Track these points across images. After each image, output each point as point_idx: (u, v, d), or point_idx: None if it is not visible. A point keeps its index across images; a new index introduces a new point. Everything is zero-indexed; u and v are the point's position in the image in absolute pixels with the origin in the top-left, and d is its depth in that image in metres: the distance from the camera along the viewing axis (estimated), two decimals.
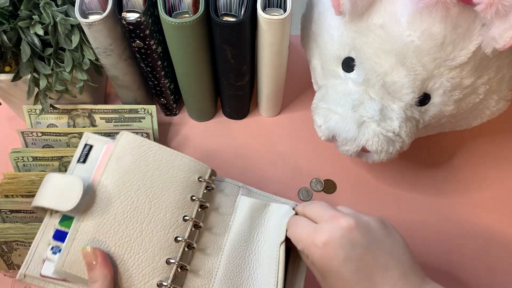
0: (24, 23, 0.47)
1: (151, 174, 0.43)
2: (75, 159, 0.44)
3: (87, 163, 0.44)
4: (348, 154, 0.47)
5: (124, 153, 0.42)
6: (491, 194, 0.58)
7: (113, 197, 0.41)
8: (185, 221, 0.42)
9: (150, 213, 0.42)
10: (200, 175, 0.45)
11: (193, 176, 0.44)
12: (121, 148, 0.43)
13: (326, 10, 0.47)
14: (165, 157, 0.44)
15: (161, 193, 0.42)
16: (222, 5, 0.47)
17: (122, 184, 0.42)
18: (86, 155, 0.44)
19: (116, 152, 0.42)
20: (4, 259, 0.50)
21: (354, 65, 0.46)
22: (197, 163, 0.45)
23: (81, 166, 0.44)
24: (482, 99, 0.46)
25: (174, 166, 0.44)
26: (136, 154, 0.43)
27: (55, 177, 0.42)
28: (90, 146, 0.45)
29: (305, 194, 0.58)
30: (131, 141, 0.43)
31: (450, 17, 0.39)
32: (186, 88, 0.57)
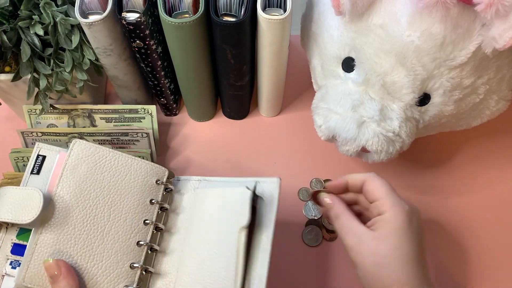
0: (24, 23, 0.47)
1: (108, 181, 0.43)
2: (28, 170, 0.44)
3: (41, 174, 0.44)
4: (348, 154, 0.47)
5: (79, 161, 0.42)
6: (491, 194, 0.58)
7: (71, 206, 0.41)
8: (146, 224, 0.43)
9: (110, 220, 0.42)
10: (157, 178, 0.45)
11: (151, 180, 0.45)
12: (75, 157, 0.43)
13: (326, 10, 0.47)
14: (121, 163, 0.44)
15: (119, 199, 0.43)
16: (222, 5, 0.47)
17: (79, 193, 0.42)
18: (40, 166, 0.44)
19: (70, 162, 0.42)
20: None
21: (354, 65, 0.46)
22: (153, 166, 0.45)
23: (35, 177, 0.44)
24: (482, 99, 0.46)
25: (131, 171, 0.44)
26: (91, 162, 0.43)
27: (12, 189, 0.41)
28: (43, 156, 0.44)
29: (305, 194, 0.58)
30: (85, 149, 0.43)
31: (450, 17, 0.39)
32: (186, 88, 0.57)
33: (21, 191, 0.40)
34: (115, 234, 0.42)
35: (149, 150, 0.55)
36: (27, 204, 0.39)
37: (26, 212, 0.39)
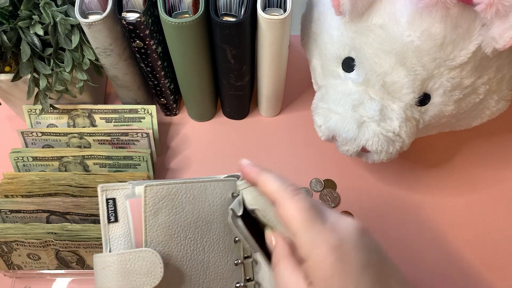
0: (24, 23, 0.47)
1: (191, 216, 0.40)
2: (104, 220, 0.39)
3: (120, 222, 0.40)
4: (348, 154, 0.47)
5: (158, 207, 0.39)
6: (491, 194, 0.58)
7: (167, 257, 0.38)
8: (236, 242, 0.42)
9: (206, 253, 0.40)
10: (232, 191, 0.43)
11: (227, 195, 0.42)
12: (151, 204, 0.39)
13: (326, 10, 0.47)
14: (197, 192, 0.41)
15: (207, 228, 0.41)
16: (222, 5, 0.47)
17: (170, 240, 0.39)
18: (114, 211, 0.40)
19: (148, 211, 0.39)
20: (4, 259, 0.50)
21: (354, 65, 0.46)
22: (225, 182, 0.43)
23: (115, 226, 0.39)
24: (482, 99, 0.46)
25: (208, 196, 0.41)
26: (169, 204, 0.40)
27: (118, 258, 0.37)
28: (113, 199, 0.40)
29: None
30: (158, 192, 0.39)
31: (450, 17, 0.39)
32: (186, 88, 0.57)
33: (130, 256, 0.37)
34: (214, 263, 0.40)
35: (149, 150, 0.55)
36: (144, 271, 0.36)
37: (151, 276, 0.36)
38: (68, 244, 0.48)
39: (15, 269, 0.52)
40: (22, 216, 0.51)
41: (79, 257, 0.50)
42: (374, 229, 0.56)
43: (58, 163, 0.54)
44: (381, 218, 0.56)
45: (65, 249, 0.49)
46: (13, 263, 0.51)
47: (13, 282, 0.53)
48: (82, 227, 0.49)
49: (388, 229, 0.56)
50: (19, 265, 0.51)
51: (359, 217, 0.56)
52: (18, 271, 0.52)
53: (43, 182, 0.52)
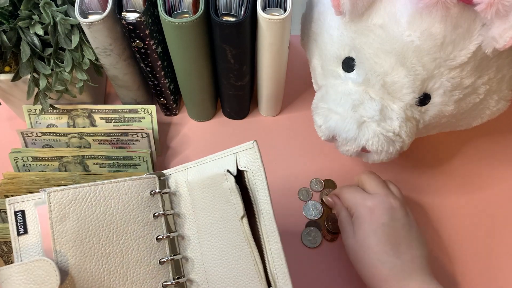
0: (24, 23, 0.47)
1: (103, 218, 0.39)
2: (14, 233, 0.38)
3: (30, 233, 0.39)
4: (348, 154, 0.47)
5: (64, 212, 0.38)
6: (491, 194, 0.58)
7: (79, 261, 0.38)
8: (159, 240, 0.41)
9: (124, 254, 0.39)
10: (150, 189, 0.42)
11: (145, 193, 0.42)
12: (57, 209, 0.38)
13: (326, 10, 0.47)
14: (108, 193, 0.40)
15: (124, 230, 0.40)
16: (222, 5, 0.47)
17: (81, 244, 0.38)
18: (24, 223, 0.39)
19: (55, 215, 0.38)
20: (4, 259, 0.50)
21: (354, 65, 0.46)
22: (141, 180, 0.42)
23: (26, 238, 0.39)
24: (482, 99, 0.46)
25: (121, 196, 0.41)
26: (77, 207, 0.39)
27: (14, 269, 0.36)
28: (22, 211, 0.39)
29: (305, 194, 0.58)
30: (63, 197, 0.38)
31: (450, 17, 0.39)
32: (186, 88, 0.57)
33: (26, 267, 0.36)
34: (135, 264, 0.39)
35: (149, 150, 0.55)
36: (40, 280, 0.35)
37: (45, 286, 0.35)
38: None
39: None
40: None
41: None
42: None
43: (58, 163, 0.54)
44: None
45: None
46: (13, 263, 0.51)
47: None
48: None
49: None
50: None
51: None
52: None
53: (43, 182, 0.52)
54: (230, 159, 0.42)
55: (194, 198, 0.44)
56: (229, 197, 0.40)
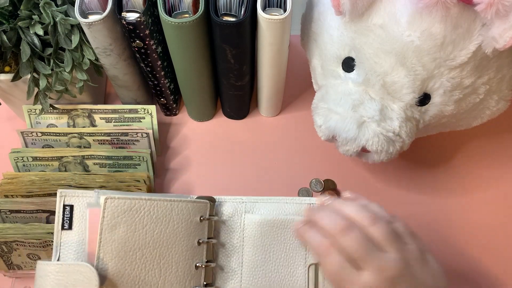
0: (24, 23, 0.47)
1: (151, 235, 0.39)
2: (58, 225, 0.38)
3: (74, 228, 0.38)
4: (348, 154, 0.47)
5: (116, 221, 0.38)
6: (491, 194, 0.58)
7: (118, 274, 0.37)
8: (197, 268, 0.40)
9: (162, 276, 0.39)
10: (201, 214, 0.42)
11: (195, 219, 0.41)
12: (110, 217, 0.38)
13: (326, 10, 0.47)
14: (161, 211, 0.40)
15: (167, 251, 0.39)
16: (222, 5, 0.47)
17: (124, 257, 0.38)
18: (70, 219, 0.39)
19: (106, 223, 0.37)
20: (4, 259, 0.50)
21: (354, 65, 0.46)
22: (194, 204, 0.41)
23: (69, 234, 0.38)
24: (482, 99, 0.46)
25: (173, 217, 0.40)
26: (129, 219, 0.38)
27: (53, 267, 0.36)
28: (70, 206, 0.39)
29: (305, 194, 0.58)
30: (119, 205, 0.38)
31: (450, 17, 0.39)
32: (186, 88, 0.57)
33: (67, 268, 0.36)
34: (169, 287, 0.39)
35: (149, 150, 0.55)
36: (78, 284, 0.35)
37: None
38: None
39: (15, 269, 0.52)
40: (22, 216, 0.51)
41: None
42: None
43: (58, 163, 0.54)
44: None
45: None
46: (13, 263, 0.51)
47: (13, 282, 0.53)
48: None
49: None
50: (19, 265, 0.51)
51: None
52: (18, 271, 0.52)
53: (43, 182, 0.52)
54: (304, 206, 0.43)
55: (252, 234, 0.43)
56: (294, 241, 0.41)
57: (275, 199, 0.45)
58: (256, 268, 0.42)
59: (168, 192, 0.58)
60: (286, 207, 0.44)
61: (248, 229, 0.44)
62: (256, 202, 0.45)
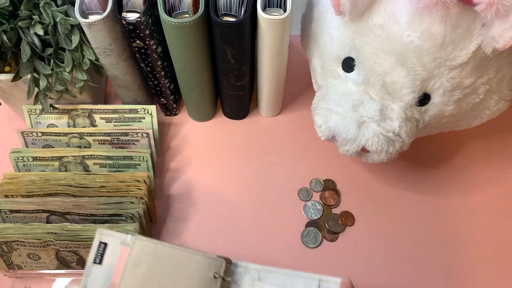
0: (24, 23, 0.48)
1: (166, 281, 0.41)
2: (91, 259, 0.42)
3: (104, 264, 0.42)
4: (348, 154, 0.47)
5: (139, 260, 0.41)
6: (491, 194, 0.58)
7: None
8: None
9: None
10: (215, 270, 0.43)
11: (209, 274, 0.43)
12: (136, 255, 0.41)
13: (326, 10, 0.47)
14: (180, 260, 0.42)
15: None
16: (222, 5, 0.47)
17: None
18: (102, 255, 0.43)
19: (131, 260, 0.41)
20: (4, 259, 0.50)
21: (354, 65, 0.46)
22: (211, 260, 0.44)
23: (97, 268, 0.42)
24: (482, 99, 0.46)
25: (190, 268, 0.42)
26: (151, 261, 0.41)
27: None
28: (105, 244, 0.43)
29: (305, 194, 0.58)
30: (145, 247, 0.42)
31: (450, 17, 0.39)
32: (186, 88, 0.57)
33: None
34: None
35: (149, 150, 0.55)
36: None
37: None
38: (68, 244, 0.48)
39: (15, 269, 0.52)
40: (22, 216, 0.51)
41: (79, 257, 0.50)
42: (374, 228, 0.56)
43: (58, 163, 0.54)
44: (381, 218, 0.56)
45: (65, 249, 0.49)
46: (13, 263, 0.51)
47: (13, 282, 0.53)
48: (82, 227, 0.49)
49: (388, 229, 0.56)
50: (19, 265, 0.51)
51: (358, 217, 0.56)
52: (18, 271, 0.52)
53: (43, 182, 0.52)
54: (313, 283, 0.44)
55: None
56: None
57: (289, 272, 0.46)
58: None
59: (168, 192, 0.58)
60: (297, 281, 0.45)
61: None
62: (269, 272, 0.46)
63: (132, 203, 0.51)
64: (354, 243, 0.55)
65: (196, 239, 0.55)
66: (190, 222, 0.56)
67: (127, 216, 0.50)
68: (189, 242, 0.55)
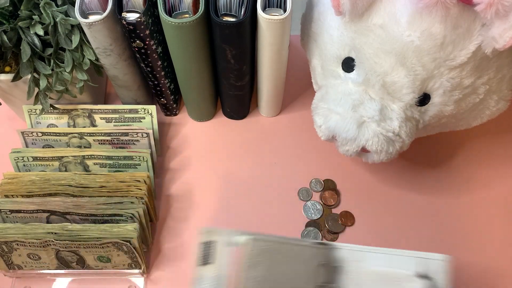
0: (24, 23, 0.48)
1: (281, 275, 0.41)
2: (199, 260, 0.42)
3: (213, 264, 0.42)
4: (348, 154, 0.47)
5: (256, 261, 0.41)
6: (491, 194, 0.58)
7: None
8: None
9: None
10: (319, 260, 0.44)
11: (314, 263, 0.43)
12: (251, 256, 0.41)
13: (326, 10, 0.47)
14: (290, 254, 0.42)
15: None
16: (222, 5, 0.47)
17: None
18: (209, 254, 0.42)
19: (246, 262, 0.41)
20: (4, 259, 0.50)
21: (354, 65, 0.46)
22: (318, 249, 0.44)
23: (208, 268, 0.42)
24: (482, 99, 0.46)
25: (300, 261, 0.42)
26: (267, 260, 0.41)
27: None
28: (210, 243, 0.43)
29: (305, 194, 0.58)
30: (260, 246, 0.41)
31: (450, 17, 0.39)
32: (186, 88, 0.57)
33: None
34: None
35: (149, 150, 0.55)
36: None
37: None
38: (68, 244, 0.48)
39: (15, 269, 0.52)
40: (22, 216, 0.51)
41: (79, 257, 0.50)
42: (374, 228, 0.56)
43: (58, 163, 0.54)
44: (381, 218, 0.56)
45: (65, 249, 0.49)
46: (13, 263, 0.51)
47: (13, 282, 0.53)
48: (82, 227, 0.49)
49: (388, 229, 0.56)
50: (19, 265, 0.51)
51: (358, 217, 0.56)
52: (18, 271, 0.52)
53: (43, 182, 0.52)
54: (417, 261, 0.44)
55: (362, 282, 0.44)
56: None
57: (386, 250, 0.46)
58: None
59: (168, 192, 0.58)
60: (397, 259, 0.44)
61: (357, 277, 0.44)
62: (368, 252, 0.46)
63: (132, 203, 0.51)
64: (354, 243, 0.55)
65: (196, 239, 0.55)
66: (190, 222, 0.56)
67: (127, 216, 0.50)
68: (189, 242, 0.55)
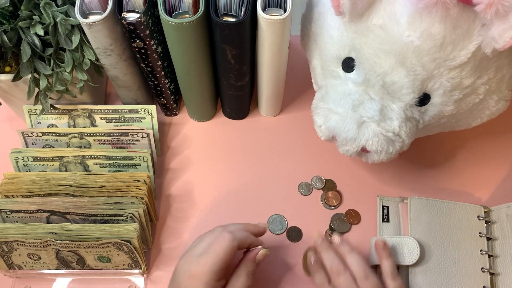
0: (25, 23, 0.48)
1: (443, 225, 0.52)
2: (380, 220, 0.55)
3: (391, 221, 0.55)
4: (348, 154, 0.47)
5: (419, 213, 0.53)
6: (491, 194, 0.58)
7: (427, 246, 0.51)
8: (482, 254, 0.51)
9: (456, 254, 0.51)
10: (478, 214, 0.54)
11: (473, 217, 0.53)
12: (414, 210, 0.53)
13: (326, 10, 0.47)
14: (448, 210, 0.53)
15: (457, 237, 0.52)
16: (222, 5, 0.47)
17: (429, 235, 0.51)
18: (387, 215, 0.56)
19: (413, 214, 0.53)
20: (4, 259, 0.50)
21: (354, 65, 0.46)
22: (471, 206, 0.54)
23: (387, 225, 0.55)
24: (482, 99, 0.46)
25: (457, 214, 0.53)
26: (428, 211, 0.53)
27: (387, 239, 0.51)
28: (387, 207, 0.56)
29: (305, 188, 0.58)
30: (419, 202, 0.53)
31: (450, 17, 0.39)
32: (186, 88, 0.57)
33: (397, 240, 0.51)
34: (463, 266, 0.51)
35: (149, 150, 0.55)
36: (405, 250, 0.50)
37: (409, 256, 0.50)
38: (69, 244, 0.48)
39: (15, 269, 0.52)
40: (22, 216, 0.51)
41: (79, 257, 0.50)
42: (373, 228, 0.56)
43: (58, 163, 0.54)
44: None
45: (65, 249, 0.49)
46: (14, 263, 0.51)
47: (13, 282, 0.53)
48: (82, 227, 0.49)
49: None
50: (20, 265, 0.51)
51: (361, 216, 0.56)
52: (18, 271, 0.52)
53: (43, 182, 0.52)
54: None
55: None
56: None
57: None
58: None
59: (168, 192, 0.58)
60: None
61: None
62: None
63: (132, 203, 0.51)
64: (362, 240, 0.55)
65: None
66: (190, 222, 0.57)
67: (127, 216, 0.50)
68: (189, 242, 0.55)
